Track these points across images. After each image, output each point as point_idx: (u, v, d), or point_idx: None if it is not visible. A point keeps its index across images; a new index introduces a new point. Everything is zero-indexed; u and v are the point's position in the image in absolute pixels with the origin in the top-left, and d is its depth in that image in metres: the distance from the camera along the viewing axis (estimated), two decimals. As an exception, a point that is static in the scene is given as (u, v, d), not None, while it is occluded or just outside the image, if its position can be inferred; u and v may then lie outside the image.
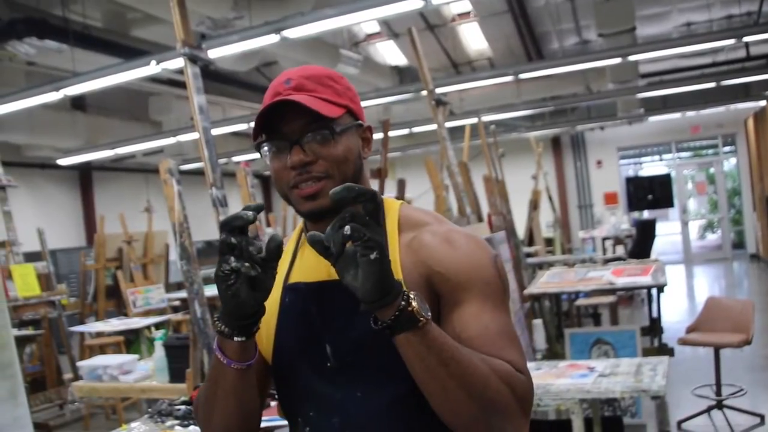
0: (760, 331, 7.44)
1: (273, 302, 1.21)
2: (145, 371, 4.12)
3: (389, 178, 4.72)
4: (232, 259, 1.02)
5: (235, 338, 1.09)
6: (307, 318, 1.19)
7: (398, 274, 1.12)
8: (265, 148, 1.18)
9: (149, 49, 7.24)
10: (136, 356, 4.48)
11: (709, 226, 17.08)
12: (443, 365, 1.00)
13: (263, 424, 2.20)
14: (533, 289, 4.92)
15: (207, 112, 3.52)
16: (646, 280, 4.71)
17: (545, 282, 5.06)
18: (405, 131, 12.01)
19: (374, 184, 4.04)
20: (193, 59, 3.50)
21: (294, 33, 5.59)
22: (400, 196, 4.91)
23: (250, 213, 1.03)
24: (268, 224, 10.76)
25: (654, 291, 5.96)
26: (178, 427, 2.49)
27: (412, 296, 0.99)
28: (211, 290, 7.95)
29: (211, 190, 3.47)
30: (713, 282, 12.27)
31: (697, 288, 11.64)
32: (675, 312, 8.69)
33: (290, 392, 1.24)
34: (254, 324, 1.10)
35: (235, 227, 1.02)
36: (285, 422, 2.08)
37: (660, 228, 18.28)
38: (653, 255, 10.71)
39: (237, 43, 5.83)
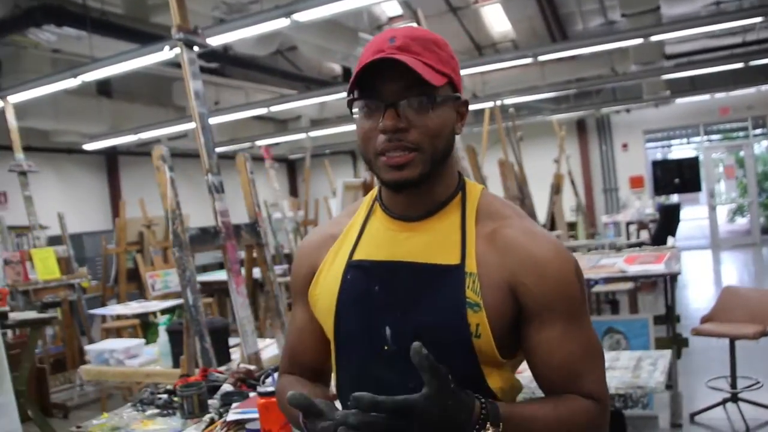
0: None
1: (335, 278, 1.19)
2: (151, 356, 4.13)
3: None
4: None
5: None
6: (369, 297, 1.14)
7: (472, 265, 1.10)
8: (357, 108, 1.12)
9: (168, 35, 7.26)
10: (142, 341, 4.51)
11: (739, 211, 16.72)
12: None
13: (236, 417, 2.23)
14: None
15: (203, 97, 3.53)
16: (659, 268, 4.60)
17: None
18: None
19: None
20: (189, 44, 3.50)
21: (304, 16, 5.54)
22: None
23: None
24: (298, 208, 10.81)
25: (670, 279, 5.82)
26: (158, 417, 2.48)
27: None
28: (204, 277, 8.01)
29: (207, 176, 3.47)
30: (740, 268, 12.01)
31: (723, 274, 11.41)
32: (697, 300, 8.53)
33: (345, 373, 1.22)
34: None
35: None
36: (257, 415, 2.11)
37: (689, 212, 18.07)
38: (677, 240, 10.53)
39: (247, 27, 5.80)
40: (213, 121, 10.17)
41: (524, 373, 1.19)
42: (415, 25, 11.64)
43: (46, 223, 8.14)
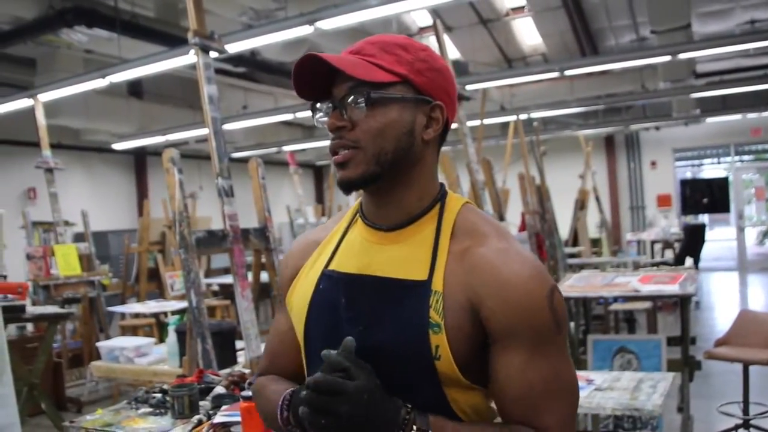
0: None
1: (309, 286, 1.18)
2: (160, 355, 4.19)
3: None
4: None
5: None
6: (336, 310, 1.13)
7: (439, 283, 1.06)
8: (319, 113, 1.14)
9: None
10: (153, 339, 4.57)
11: (768, 233, 16.43)
12: None
13: (222, 419, 2.25)
14: (555, 292, 4.79)
15: (217, 102, 3.57)
16: (673, 289, 4.52)
17: (570, 285, 4.93)
18: (454, 125, 11.90)
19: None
20: (204, 49, 3.55)
21: (327, 24, 5.58)
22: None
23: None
24: (323, 214, 10.86)
25: (692, 300, 5.73)
26: (150, 416, 2.50)
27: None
28: (223, 279, 8.04)
29: (217, 180, 3.51)
30: (766, 292, 11.77)
31: (749, 298, 11.19)
32: (719, 322, 8.37)
33: None
34: None
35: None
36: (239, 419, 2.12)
37: (718, 233, 17.76)
38: (703, 261, 10.36)
39: (272, 33, 5.86)
40: (241, 125, 10.44)
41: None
42: (432, 39, 11.60)
43: (73, 220, 8.32)
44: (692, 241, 9.33)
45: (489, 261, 1.05)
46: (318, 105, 1.13)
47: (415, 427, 0.98)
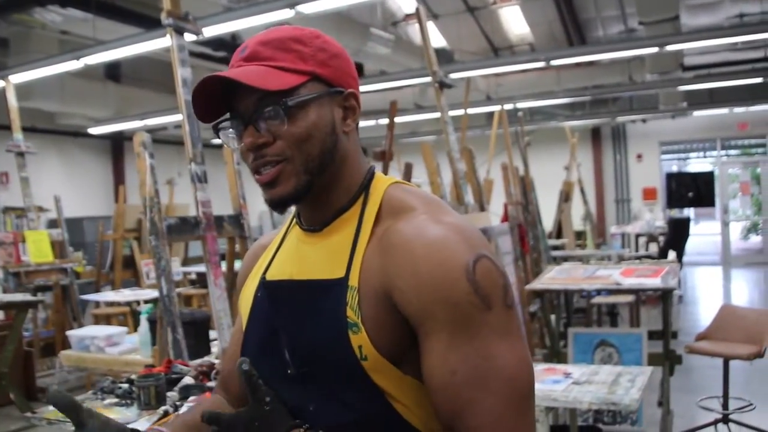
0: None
1: (249, 296, 1.13)
2: (132, 344, 4.11)
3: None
4: None
5: None
6: (269, 318, 1.07)
7: (355, 277, 0.97)
8: (226, 132, 1.03)
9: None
10: (125, 328, 4.48)
11: (753, 228, 16.49)
12: None
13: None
14: (536, 284, 4.72)
15: (191, 85, 3.46)
16: (654, 282, 4.46)
17: (551, 278, 4.85)
18: (437, 114, 11.81)
19: (377, 167, 3.91)
20: (178, 30, 3.44)
21: (309, 8, 5.46)
22: (406, 180, 4.77)
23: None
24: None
25: (674, 294, 5.70)
26: (116, 407, 2.43)
27: None
28: (200, 268, 7.94)
29: (190, 165, 3.41)
30: (750, 287, 11.83)
31: (732, 292, 11.22)
32: (702, 316, 8.36)
33: None
34: None
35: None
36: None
37: (703, 227, 17.83)
38: (687, 255, 10.35)
39: (252, 17, 5.73)
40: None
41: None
42: (417, 26, 11.59)
43: (47, 206, 8.14)
44: (677, 235, 9.30)
45: (403, 236, 0.94)
46: (223, 125, 1.03)
47: None
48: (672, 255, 5.87)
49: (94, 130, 10.80)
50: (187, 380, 2.56)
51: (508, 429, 0.88)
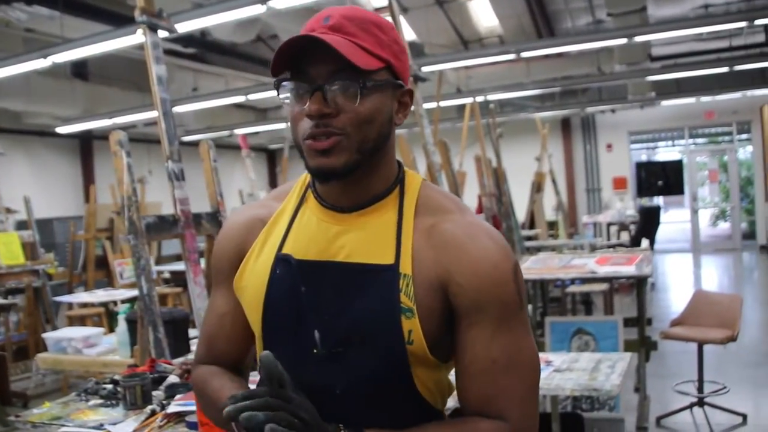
0: (759, 326, 7.28)
1: (263, 271, 1.12)
2: (110, 345, 4.06)
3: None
4: None
5: None
6: (296, 298, 1.08)
7: (407, 265, 1.03)
8: (285, 89, 1.06)
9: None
10: (102, 329, 4.43)
11: (721, 215, 16.79)
12: None
13: (176, 409, 2.16)
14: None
15: (166, 82, 3.45)
16: (629, 270, 4.54)
17: (528, 268, 4.90)
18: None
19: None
20: (152, 28, 3.41)
21: (281, 3, 5.42)
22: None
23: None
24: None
25: (648, 281, 5.78)
26: (101, 408, 2.41)
27: None
28: (174, 266, 7.89)
29: (167, 163, 3.38)
30: (719, 273, 12.05)
31: (703, 279, 11.42)
32: (675, 303, 8.50)
33: None
34: None
35: None
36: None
37: (673, 215, 18.11)
38: (658, 243, 10.52)
39: (223, 12, 5.67)
40: (191, 107, 10.17)
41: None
42: (387, 20, 11.57)
43: (15, 207, 8.01)
44: (648, 224, 9.45)
45: (457, 237, 1.04)
46: (285, 83, 1.06)
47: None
48: (645, 243, 5.96)
49: (62, 130, 10.61)
50: (173, 379, 2.55)
51: (530, 411, 1.04)
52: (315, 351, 1.05)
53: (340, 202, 1.09)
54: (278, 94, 1.06)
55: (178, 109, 9.71)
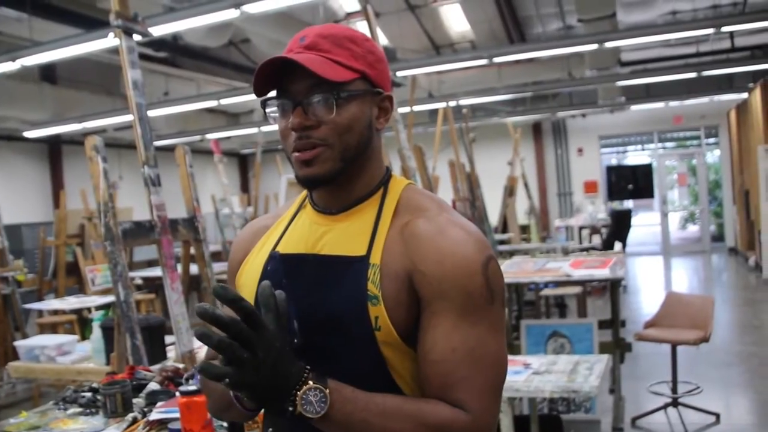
0: (730, 327, 7.41)
1: (257, 268, 1.20)
2: (84, 353, 4.01)
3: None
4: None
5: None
6: (281, 289, 1.09)
7: (377, 256, 1.08)
8: (272, 108, 1.14)
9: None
10: (75, 337, 4.37)
11: (690, 218, 17.04)
12: None
13: (159, 416, 2.14)
14: (489, 278, 4.78)
15: (141, 87, 3.41)
16: (603, 273, 4.58)
17: (503, 271, 4.93)
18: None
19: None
20: (127, 32, 3.37)
21: (254, 8, 5.40)
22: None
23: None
24: (248, 203, 10.60)
25: (622, 284, 5.85)
26: (81, 417, 2.37)
27: (298, 398, 0.97)
28: (147, 272, 7.80)
29: (143, 168, 3.34)
30: (689, 275, 12.23)
31: (673, 281, 11.59)
32: (646, 305, 8.62)
33: None
34: None
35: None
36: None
37: (642, 218, 18.36)
38: (629, 246, 10.65)
39: (196, 17, 5.64)
40: (162, 112, 10.08)
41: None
42: (359, 24, 11.53)
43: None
44: (619, 227, 9.56)
45: (426, 230, 1.09)
46: (270, 102, 1.14)
47: (311, 383, 0.97)
48: (618, 246, 6.02)
49: (30, 134, 10.45)
50: (153, 386, 2.52)
51: (487, 406, 1.04)
52: (295, 341, 1.10)
53: (329, 205, 1.17)
54: (264, 112, 1.15)
55: (150, 113, 9.55)
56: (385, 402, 1.02)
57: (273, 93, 1.14)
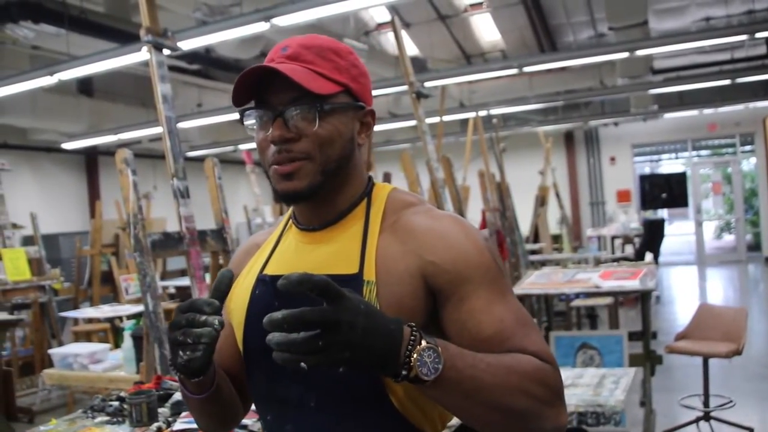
0: (765, 339, 7.26)
1: (245, 292, 1.16)
2: (116, 361, 4.08)
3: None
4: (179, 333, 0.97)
5: (191, 379, 1.05)
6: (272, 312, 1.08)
7: (371, 272, 1.04)
8: (251, 120, 1.10)
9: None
10: (108, 345, 4.44)
11: (726, 227, 16.75)
12: (467, 398, 0.93)
13: (182, 426, 2.17)
14: (517, 290, 4.76)
15: (171, 101, 3.47)
16: (633, 284, 4.53)
17: (532, 282, 4.91)
18: (412, 123, 11.85)
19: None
20: (157, 47, 3.44)
21: (284, 21, 5.47)
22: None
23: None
24: (281, 213, 10.64)
25: (652, 295, 5.77)
26: (107, 425, 2.41)
27: (413, 360, 0.88)
28: (179, 282, 7.88)
29: (172, 180, 3.40)
30: (725, 285, 12.02)
31: (708, 291, 11.39)
32: (680, 316, 8.48)
33: (256, 391, 1.18)
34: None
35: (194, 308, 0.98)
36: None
37: (677, 227, 18.09)
38: (663, 255, 10.50)
39: (227, 30, 5.73)
40: (195, 123, 10.22)
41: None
42: (390, 35, 11.54)
43: (22, 222, 8.05)
44: (652, 236, 9.43)
45: (420, 223, 1.07)
46: (249, 112, 1.10)
47: (424, 342, 0.89)
48: (649, 257, 5.95)
49: (67, 146, 10.69)
50: (179, 396, 2.55)
51: (550, 351, 1.02)
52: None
53: (311, 222, 1.14)
54: (242, 123, 1.11)
55: (183, 124, 9.77)
56: (486, 356, 0.95)
57: (252, 104, 1.10)
